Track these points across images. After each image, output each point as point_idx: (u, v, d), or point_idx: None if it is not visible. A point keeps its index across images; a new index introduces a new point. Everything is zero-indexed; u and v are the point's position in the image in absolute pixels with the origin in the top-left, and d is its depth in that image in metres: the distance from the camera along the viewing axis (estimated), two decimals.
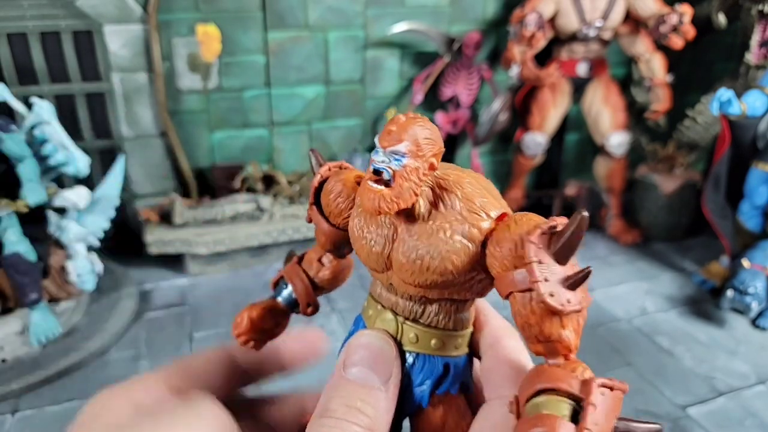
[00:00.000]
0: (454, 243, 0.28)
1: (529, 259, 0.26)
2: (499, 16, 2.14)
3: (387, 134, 0.28)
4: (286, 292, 0.39)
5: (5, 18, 1.68)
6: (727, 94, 1.47)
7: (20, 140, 1.37)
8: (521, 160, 2.11)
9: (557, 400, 0.26)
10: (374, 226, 0.31)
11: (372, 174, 0.28)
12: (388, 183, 0.28)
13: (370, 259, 0.31)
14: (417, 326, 0.32)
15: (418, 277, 0.29)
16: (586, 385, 0.26)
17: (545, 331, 0.27)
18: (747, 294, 1.52)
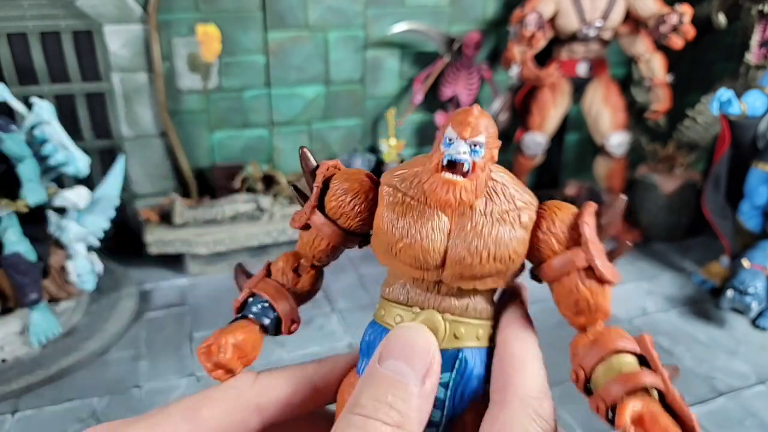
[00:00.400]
0: (514, 231, 0.30)
1: (585, 239, 0.29)
2: (499, 16, 2.14)
3: (467, 125, 0.28)
4: (265, 311, 0.34)
5: (5, 18, 1.68)
6: (727, 94, 1.47)
7: (20, 140, 1.37)
8: (521, 160, 2.11)
9: (623, 359, 0.29)
10: (423, 223, 0.30)
11: (443, 166, 0.28)
12: (465, 174, 0.28)
13: (420, 257, 0.30)
14: (463, 319, 0.32)
15: (480, 269, 0.30)
16: (641, 342, 0.30)
17: (595, 302, 0.30)
18: (747, 294, 1.52)
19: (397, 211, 0.30)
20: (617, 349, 0.29)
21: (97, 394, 1.30)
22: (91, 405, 1.27)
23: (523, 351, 0.30)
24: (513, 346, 0.31)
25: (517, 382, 0.29)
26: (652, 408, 0.27)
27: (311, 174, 0.34)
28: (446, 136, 0.28)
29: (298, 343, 1.48)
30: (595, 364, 0.29)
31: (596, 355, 0.29)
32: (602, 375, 0.29)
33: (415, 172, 0.31)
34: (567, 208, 0.31)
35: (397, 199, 0.31)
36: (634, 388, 0.28)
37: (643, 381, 0.28)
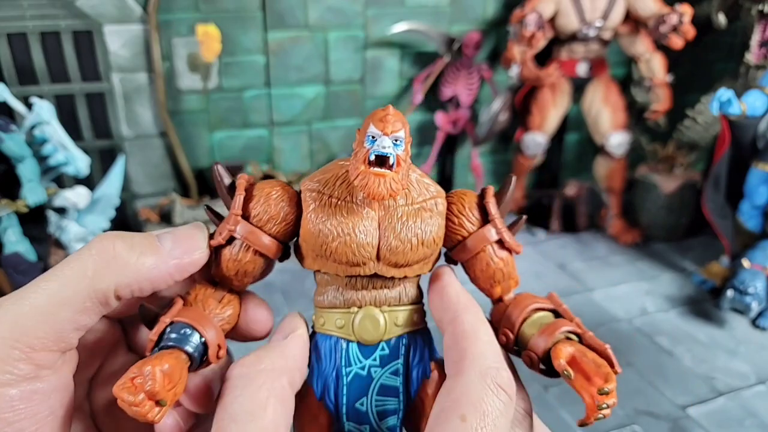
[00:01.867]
0: (435, 217, 0.33)
1: (492, 216, 0.34)
2: (499, 16, 2.14)
3: (386, 121, 0.30)
4: (187, 337, 0.30)
5: (5, 18, 1.68)
6: (727, 94, 1.47)
7: (20, 140, 1.37)
8: (521, 160, 2.11)
9: (542, 315, 0.34)
10: (354, 219, 0.32)
11: (369, 161, 0.29)
12: (391, 167, 0.30)
13: (356, 253, 0.31)
14: (399, 308, 0.34)
15: (411, 256, 0.32)
16: (551, 299, 0.35)
17: (508, 271, 0.35)
18: (747, 294, 1.52)
19: (325, 212, 0.32)
20: (535, 307, 0.34)
21: None
22: None
23: (474, 323, 0.31)
24: (463, 320, 0.31)
25: (472, 353, 0.29)
26: (578, 347, 0.32)
27: (228, 190, 0.34)
28: (368, 134, 0.30)
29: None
30: (520, 324, 0.33)
31: (519, 316, 0.34)
32: (527, 330, 0.33)
33: (335, 175, 0.32)
34: (471, 194, 0.35)
35: (323, 200, 0.32)
36: (558, 334, 0.32)
37: (563, 328, 0.32)
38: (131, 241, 0.29)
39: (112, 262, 0.28)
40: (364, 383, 0.34)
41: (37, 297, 0.27)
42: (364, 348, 0.34)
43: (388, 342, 0.34)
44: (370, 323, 0.34)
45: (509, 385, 0.28)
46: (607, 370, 0.31)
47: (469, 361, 0.29)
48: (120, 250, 0.29)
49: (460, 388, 0.28)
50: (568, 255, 1.99)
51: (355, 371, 0.34)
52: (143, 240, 0.30)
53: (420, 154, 2.30)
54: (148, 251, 0.30)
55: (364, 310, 0.34)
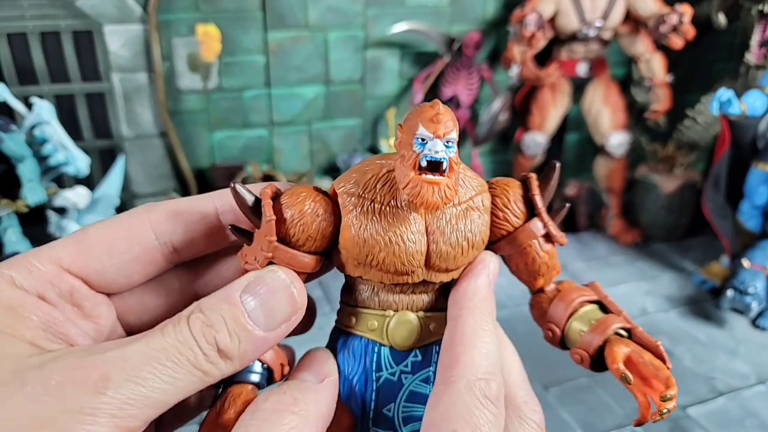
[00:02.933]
0: (482, 216, 0.31)
1: (539, 210, 0.32)
2: (499, 16, 2.14)
3: (438, 122, 0.27)
4: (254, 368, 0.32)
5: (5, 18, 1.68)
6: (727, 94, 1.47)
7: (20, 140, 1.37)
8: (521, 160, 2.11)
9: (589, 310, 0.33)
10: (400, 226, 0.29)
11: (421, 167, 0.27)
12: (443, 173, 0.27)
13: (405, 262, 0.29)
14: (435, 313, 0.33)
15: (462, 260, 0.31)
16: (594, 289, 0.34)
17: (552, 264, 0.34)
18: (747, 294, 1.52)
19: (369, 219, 0.29)
20: (582, 301, 0.33)
21: None
22: None
23: (475, 328, 0.29)
24: (464, 321, 0.29)
25: (464, 361, 0.28)
26: (634, 348, 0.31)
27: (252, 210, 0.31)
28: (418, 135, 0.27)
29: (297, 344, 1.48)
30: (567, 319, 0.33)
31: (565, 312, 0.33)
32: (576, 327, 0.33)
33: (375, 175, 0.30)
34: (514, 184, 0.33)
35: (365, 206, 0.29)
36: (608, 332, 0.32)
37: (614, 325, 0.32)
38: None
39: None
40: (394, 389, 0.32)
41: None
42: (396, 353, 0.32)
43: (422, 348, 0.32)
44: (405, 329, 0.32)
45: (497, 398, 0.27)
46: (666, 373, 0.32)
47: (460, 370, 0.28)
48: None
49: (448, 399, 0.27)
50: (568, 255, 1.99)
51: (385, 377, 0.32)
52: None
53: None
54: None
55: (399, 314, 0.32)
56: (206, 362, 0.26)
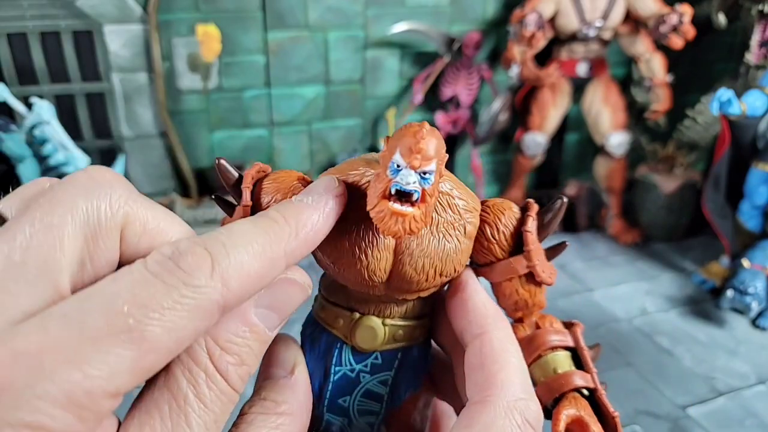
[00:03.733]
0: (459, 244, 0.29)
1: (528, 249, 0.30)
2: (499, 16, 2.14)
3: (416, 152, 0.25)
4: None
5: (5, 18, 1.68)
6: (727, 94, 1.47)
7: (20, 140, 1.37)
8: (521, 160, 2.11)
9: (556, 357, 0.31)
10: (367, 242, 0.28)
11: (391, 195, 0.25)
12: (413, 203, 0.26)
13: (364, 277, 0.29)
14: (403, 322, 0.32)
15: (425, 285, 0.29)
16: (572, 334, 0.32)
17: (533, 301, 0.32)
18: (747, 294, 1.52)
19: (340, 225, 0.28)
20: (551, 346, 0.31)
21: None
22: None
23: (504, 343, 0.28)
24: (492, 337, 0.28)
25: (501, 380, 0.26)
26: (585, 411, 0.29)
27: (234, 188, 0.31)
28: (393, 161, 0.25)
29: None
30: (532, 362, 0.31)
31: (532, 354, 0.31)
32: (537, 372, 0.31)
33: (355, 183, 0.28)
34: (510, 212, 0.31)
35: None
36: (567, 390, 0.30)
37: (575, 383, 0.30)
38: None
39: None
40: (350, 384, 0.33)
41: None
42: (357, 354, 0.32)
43: (383, 353, 0.32)
44: (369, 333, 0.32)
45: (537, 420, 0.26)
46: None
47: (497, 390, 0.26)
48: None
49: (484, 421, 0.25)
50: (568, 255, 1.98)
51: (343, 371, 0.32)
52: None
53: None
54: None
55: (364, 318, 0.32)
56: (238, 398, 0.26)
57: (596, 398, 0.30)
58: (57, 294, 0.21)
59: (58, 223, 0.21)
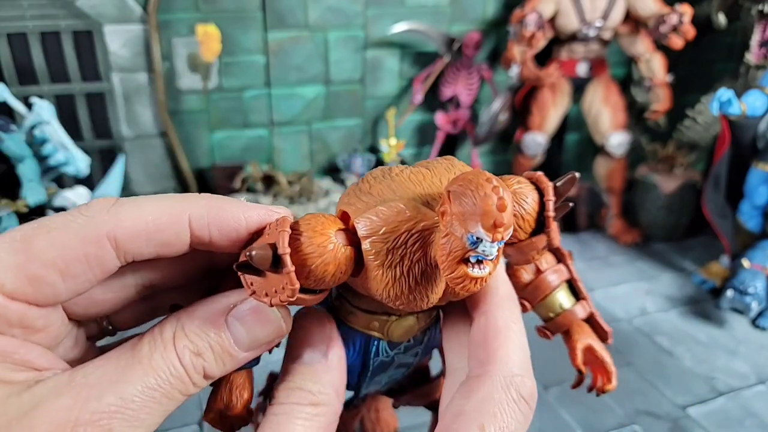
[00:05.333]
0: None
1: (549, 228, 0.31)
2: (499, 16, 2.14)
3: (499, 227, 0.24)
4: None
5: (5, 18, 1.68)
6: (727, 94, 1.47)
7: (20, 140, 1.37)
8: (521, 160, 2.11)
9: (558, 296, 0.38)
10: (425, 285, 0.28)
11: (469, 260, 0.25)
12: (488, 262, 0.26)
13: (421, 308, 0.29)
14: (431, 312, 0.34)
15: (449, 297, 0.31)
16: (565, 264, 0.39)
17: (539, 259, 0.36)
18: (747, 294, 1.52)
19: (397, 277, 0.28)
20: (552, 288, 0.37)
21: None
22: None
23: (508, 322, 0.29)
24: (496, 315, 0.29)
25: (501, 356, 0.27)
26: (592, 340, 0.37)
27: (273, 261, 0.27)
28: (472, 234, 0.24)
29: None
30: (538, 302, 0.38)
31: (538, 297, 0.37)
32: (545, 311, 0.38)
33: (406, 230, 0.27)
34: (530, 196, 0.31)
35: (394, 262, 0.27)
36: (574, 323, 0.38)
37: (578, 316, 0.38)
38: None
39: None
40: (386, 365, 0.35)
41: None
42: (393, 343, 0.34)
43: (415, 336, 0.35)
44: (407, 330, 0.33)
45: (532, 396, 0.27)
46: (613, 369, 0.37)
47: (496, 365, 0.27)
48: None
49: (482, 393, 0.27)
50: None
51: (381, 359, 0.35)
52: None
53: (420, 154, 2.30)
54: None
55: (402, 319, 0.33)
56: (194, 388, 0.27)
57: (593, 320, 0.38)
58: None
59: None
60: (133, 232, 0.26)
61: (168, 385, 0.25)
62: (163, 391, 0.25)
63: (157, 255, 0.28)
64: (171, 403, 0.25)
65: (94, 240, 0.25)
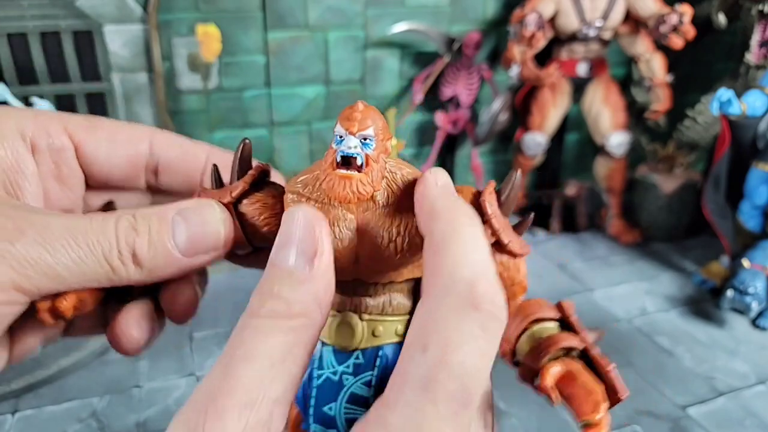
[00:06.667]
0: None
1: (488, 216, 0.30)
2: (499, 16, 2.14)
3: (353, 120, 0.28)
4: None
5: (5, 18, 1.68)
6: (727, 94, 1.47)
7: None
8: (521, 160, 2.11)
9: (544, 327, 0.31)
10: (334, 224, 0.30)
11: (337, 163, 0.28)
12: (359, 168, 0.28)
13: (336, 259, 0.29)
14: (382, 318, 0.32)
15: (394, 261, 0.30)
16: (561, 308, 0.32)
17: (509, 277, 0.32)
18: (747, 294, 1.52)
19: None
20: (538, 317, 0.31)
21: (97, 394, 1.31)
22: (91, 405, 1.28)
23: (445, 231, 0.26)
24: (432, 230, 0.26)
25: (440, 268, 0.24)
26: (572, 368, 0.29)
27: (242, 168, 0.33)
28: (336, 133, 0.28)
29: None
30: (519, 334, 0.31)
31: (519, 326, 0.31)
32: (525, 344, 0.31)
33: (315, 175, 0.30)
34: (467, 190, 0.32)
35: (302, 203, 0.30)
36: (555, 351, 0.29)
37: (562, 343, 0.30)
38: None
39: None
40: (334, 388, 0.32)
41: None
42: (339, 354, 0.32)
43: (364, 351, 0.32)
44: (346, 330, 0.32)
45: (489, 299, 0.23)
46: (597, 398, 0.27)
47: (436, 278, 0.24)
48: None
49: (423, 313, 0.24)
50: (568, 255, 1.99)
51: (326, 375, 0.32)
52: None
53: (420, 154, 2.30)
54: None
55: (342, 315, 0.32)
56: (117, 259, 0.27)
57: (589, 357, 0.30)
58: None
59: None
60: (169, 150, 0.36)
61: (93, 235, 0.27)
62: (85, 238, 0.26)
63: (175, 185, 0.37)
64: (89, 257, 0.27)
65: (142, 141, 0.36)
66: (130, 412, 1.25)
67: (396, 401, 0.22)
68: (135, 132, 0.35)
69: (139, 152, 0.35)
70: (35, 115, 0.32)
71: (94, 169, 0.34)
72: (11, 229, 0.25)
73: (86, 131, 0.33)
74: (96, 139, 0.33)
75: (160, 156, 0.36)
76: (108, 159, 0.34)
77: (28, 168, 0.31)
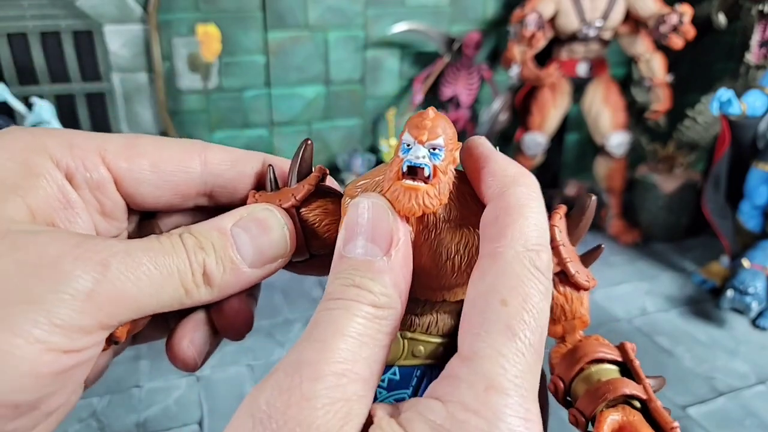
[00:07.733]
0: (478, 235, 0.28)
1: (556, 243, 0.28)
2: (499, 16, 2.14)
3: (423, 128, 0.26)
4: None
5: (5, 18, 1.68)
6: (727, 94, 1.47)
7: None
8: (521, 160, 2.11)
9: (602, 368, 0.28)
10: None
11: (403, 173, 0.26)
12: (426, 179, 0.26)
13: None
14: (424, 338, 0.31)
15: (448, 280, 0.28)
16: (621, 350, 0.29)
17: (571, 309, 0.29)
18: (747, 294, 1.52)
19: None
20: (597, 357, 0.29)
21: (97, 394, 1.30)
22: (91, 405, 1.27)
23: (523, 198, 0.26)
24: (511, 192, 0.26)
25: (512, 231, 0.25)
26: (631, 419, 0.26)
27: (301, 170, 0.31)
28: (403, 141, 0.26)
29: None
30: (575, 374, 0.29)
31: (575, 365, 0.29)
32: (581, 385, 0.29)
33: (376, 181, 0.29)
34: None
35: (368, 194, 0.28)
36: (614, 398, 0.27)
37: (623, 390, 0.27)
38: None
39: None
40: None
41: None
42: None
43: (401, 368, 0.31)
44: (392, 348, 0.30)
45: (548, 269, 0.25)
46: None
47: (507, 241, 0.25)
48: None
49: (495, 270, 0.24)
50: None
51: None
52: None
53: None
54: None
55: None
56: (192, 281, 0.26)
57: (650, 410, 0.27)
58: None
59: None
60: (223, 167, 0.32)
61: (169, 259, 0.26)
62: (164, 262, 0.25)
63: (231, 202, 0.32)
64: (168, 283, 0.26)
65: (192, 162, 0.31)
66: (130, 412, 1.25)
67: (480, 350, 0.23)
68: (183, 154, 0.31)
69: (189, 178, 0.31)
70: (70, 146, 0.29)
71: (137, 200, 0.31)
72: (96, 261, 0.24)
73: (127, 160, 0.30)
74: (138, 168, 0.30)
75: (214, 183, 0.32)
76: (152, 191, 0.31)
77: (77, 203, 0.28)
